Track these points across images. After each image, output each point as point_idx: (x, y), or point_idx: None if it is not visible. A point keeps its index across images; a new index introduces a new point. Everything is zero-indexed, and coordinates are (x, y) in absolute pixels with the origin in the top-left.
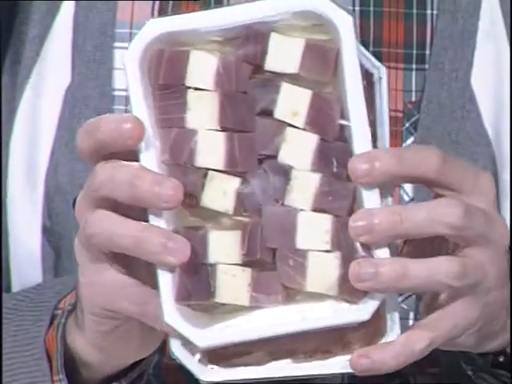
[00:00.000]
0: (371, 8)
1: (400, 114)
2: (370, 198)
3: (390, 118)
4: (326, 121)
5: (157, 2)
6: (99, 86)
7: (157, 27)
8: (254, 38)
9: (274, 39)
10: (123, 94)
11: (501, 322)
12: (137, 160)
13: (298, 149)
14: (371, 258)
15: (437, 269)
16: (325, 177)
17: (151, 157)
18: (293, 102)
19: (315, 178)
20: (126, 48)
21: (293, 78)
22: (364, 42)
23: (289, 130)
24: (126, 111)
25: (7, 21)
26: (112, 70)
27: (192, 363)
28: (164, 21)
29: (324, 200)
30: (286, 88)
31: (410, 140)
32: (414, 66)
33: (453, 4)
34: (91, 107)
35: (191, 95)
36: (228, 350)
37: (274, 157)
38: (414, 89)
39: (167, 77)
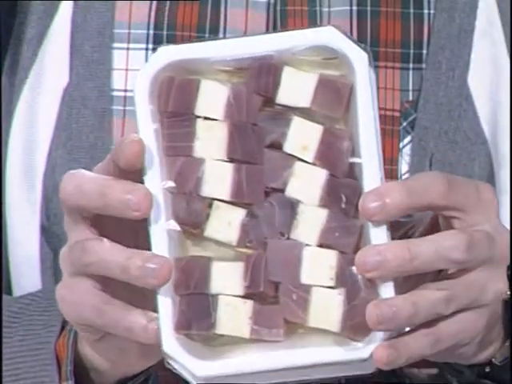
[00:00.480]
0: (368, 8)
1: (397, 114)
2: (378, 235)
3: (387, 117)
4: (335, 156)
5: (154, 3)
6: (97, 86)
7: (168, 54)
8: (266, 70)
9: (287, 73)
10: (122, 94)
11: (496, 332)
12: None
13: (307, 184)
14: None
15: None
16: (332, 213)
17: (156, 184)
18: (303, 137)
19: (322, 214)
20: (125, 48)
21: (304, 113)
22: (361, 41)
23: (298, 164)
24: (125, 112)
25: (6, 22)
26: (110, 70)
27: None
28: (175, 48)
29: (330, 236)
30: (297, 122)
31: (407, 139)
32: (411, 66)
33: (450, 3)
34: (89, 108)
35: (200, 124)
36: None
37: (281, 190)
38: (411, 88)
39: (176, 105)
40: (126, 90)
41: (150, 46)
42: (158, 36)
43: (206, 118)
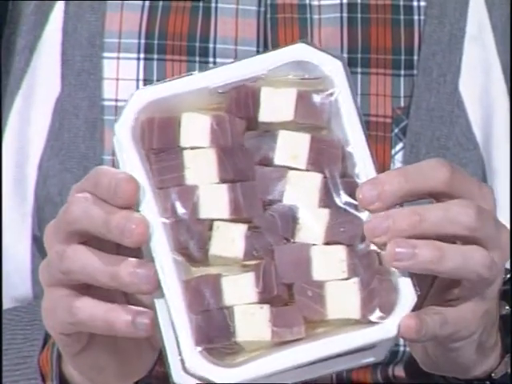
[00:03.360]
0: (359, 15)
1: (389, 120)
2: None
3: (379, 123)
4: (328, 160)
5: (145, 12)
6: (88, 96)
7: (144, 97)
8: (244, 95)
9: (266, 92)
10: (113, 104)
11: (491, 341)
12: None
13: (303, 189)
14: (409, 239)
15: (471, 257)
16: (333, 210)
17: (153, 215)
18: (292, 147)
19: (325, 213)
20: (115, 58)
21: (289, 126)
22: (352, 48)
23: (291, 172)
24: (115, 121)
25: None
26: (101, 80)
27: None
28: (150, 90)
29: (336, 232)
30: (283, 135)
31: (399, 146)
32: (402, 72)
33: (440, 9)
34: (81, 118)
35: (187, 154)
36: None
37: (279, 200)
38: (402, 94)
39: (161, 142)
40: (117, 100)
41: (142, 55)
42: (149, 45)
43: (192, 148)
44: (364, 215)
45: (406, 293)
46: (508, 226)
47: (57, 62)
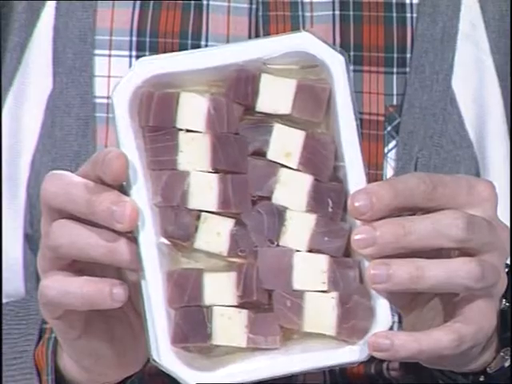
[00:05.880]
0: (351, 12)
1: (381, 118)
2: None
3: (372, 121)
4: (319, 161)
5: (136, 10)
6: (80, 93)
7: (145, 69)
8: (244, 78)
9: (266, 80)
10: (104, 101)
11: (492, 336)
12: None
13: (293, 190)
14: (385, 260)
15: (456, 271)
16: (320, 217)
17: (143, 199)
18: (286, 143)
19: (311, 219)
20: (107, 55)
21: (285, 119)
22: (344, 46)
23: (282, 170)
24: (108, 119)
25: None
26: (93, 77)
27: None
28: (152, 62)
29: (320, 240)
30: (278, 129)
31: (392, 144)
32: (394, 70)
33: (432, 7)
34: (73, 115)
35: (182, 137)
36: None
37: (268, 198)
38: (395, 92)
39: (157, 119)
40: (108, 97)
41: (134, 53)
42: (140, 43)
43: (187, 131)
44: (350, 224)
45: (382, 317)
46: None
47: (48, 60)
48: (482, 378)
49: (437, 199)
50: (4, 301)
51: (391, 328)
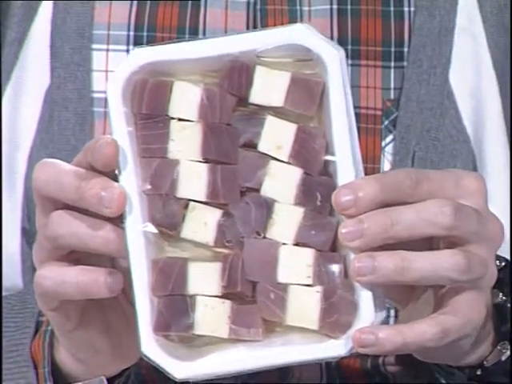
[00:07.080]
0: (348, 6)
1: (379, 112)
2: None
3: (369, 115)
4: (310, 155)
5: (134, 4)
6: (78, 88)
7: (140, 57)
8: (239, 69)
9: (260, 72)
10: (102, 96)
11: (485, 330)
12: None
13: (282, 182)
14: (370, 252)
15: (442, 263)
16: (308, 211)
17: (132, 185)
18: (277, 136)
19: (299, 212)
20: (104, 50)
21: (277, 112)
22: (342, 40)
23: (272, 163)
24: (105, 113)
25: None
26: (90, 72)
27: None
28: (148, 50)
29: (307, 234)
30: (270, 121)
31: (389, 138)
32: (392, 64)
33: (430, 1)
34: (70, 110)
35: (174, 125)
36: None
37: (257, 190)
38: (392, 86)
39: (150, 106)
40: (106, 92)
41: (131, 47)
42: (138, 37)
43: (179, 120)
44: (338, 219)
45: (365, 312)
46: (504, 221)
47: (46, 54)
48: (479, 372)
49: (423, 193)
50: (3, 294)
51: (387, 323)
